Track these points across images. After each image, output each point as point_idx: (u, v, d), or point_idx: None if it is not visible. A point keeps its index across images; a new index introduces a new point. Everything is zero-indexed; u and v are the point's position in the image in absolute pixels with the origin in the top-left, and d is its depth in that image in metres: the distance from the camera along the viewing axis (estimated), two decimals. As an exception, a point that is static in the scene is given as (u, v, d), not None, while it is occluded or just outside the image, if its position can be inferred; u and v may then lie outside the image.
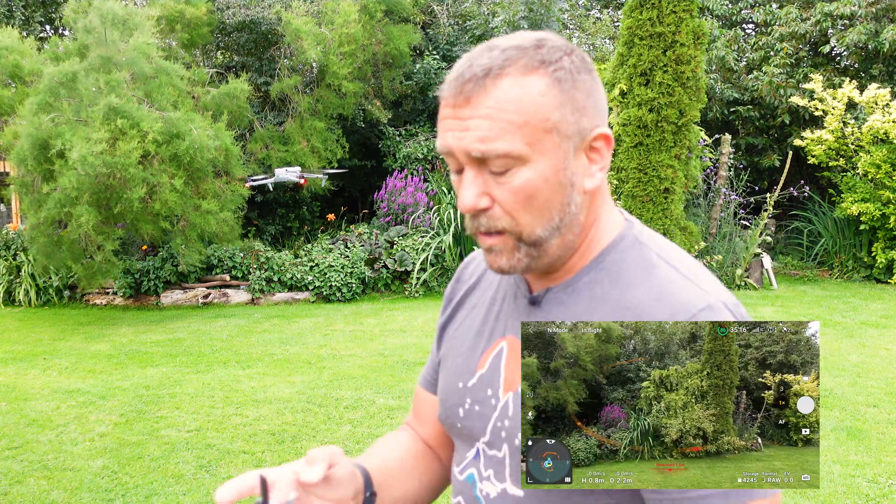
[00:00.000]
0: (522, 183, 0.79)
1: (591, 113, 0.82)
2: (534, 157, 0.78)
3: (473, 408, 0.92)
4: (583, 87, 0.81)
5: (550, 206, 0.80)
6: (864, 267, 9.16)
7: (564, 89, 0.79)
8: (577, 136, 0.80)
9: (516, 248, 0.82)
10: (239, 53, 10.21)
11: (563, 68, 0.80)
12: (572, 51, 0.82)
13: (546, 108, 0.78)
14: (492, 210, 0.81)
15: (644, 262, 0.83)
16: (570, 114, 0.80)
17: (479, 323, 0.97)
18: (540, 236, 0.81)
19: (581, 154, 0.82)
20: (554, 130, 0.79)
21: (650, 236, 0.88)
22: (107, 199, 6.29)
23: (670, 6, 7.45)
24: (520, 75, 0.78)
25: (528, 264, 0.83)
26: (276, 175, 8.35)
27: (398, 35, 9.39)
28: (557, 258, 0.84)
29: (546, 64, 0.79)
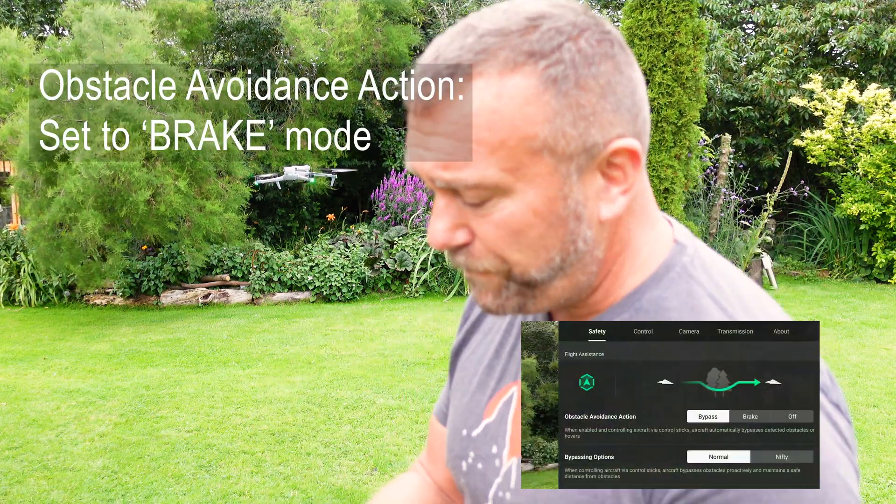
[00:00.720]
0: (505, 217, 0.61)
1: (606, 119, 0.60)
2: (517, 186, 0.60)
3: (476, 465, 0.76)
4: (594, 84, 0.59)
5: (547, 244, 0.62)
6: (864, 267, 9.16)
7: (562, 92, 0.58)
8: (583, 153, 0.60)
9: (504, 287, 0.65)
10: (238, 53, 10.21)
11: (561, 62, 0.58)
12: (583, 31, 0.60)
13: (532, 120, 0.58)
14: (472, 246, 0.63)
15: (692, 304, 0.64)
16: (571, 126, 0.59)
17: (492, 355, 0.80)
18: (534, 278, 0.63)
19: (593, 174, 0.61)
20: (544, 150, 0.59)
21: (705, 266, 0.67)
22: (111, 202, 6.30)
23: (670, 6, 7.45)
24: (497, 76, 0.58)
25: (520, 304, 0.65)
26: (285, 173, 8.36)
27: (398, 35, 9.39)
28: (565, 300, 0.66)
29: (536, 56, 0.58)
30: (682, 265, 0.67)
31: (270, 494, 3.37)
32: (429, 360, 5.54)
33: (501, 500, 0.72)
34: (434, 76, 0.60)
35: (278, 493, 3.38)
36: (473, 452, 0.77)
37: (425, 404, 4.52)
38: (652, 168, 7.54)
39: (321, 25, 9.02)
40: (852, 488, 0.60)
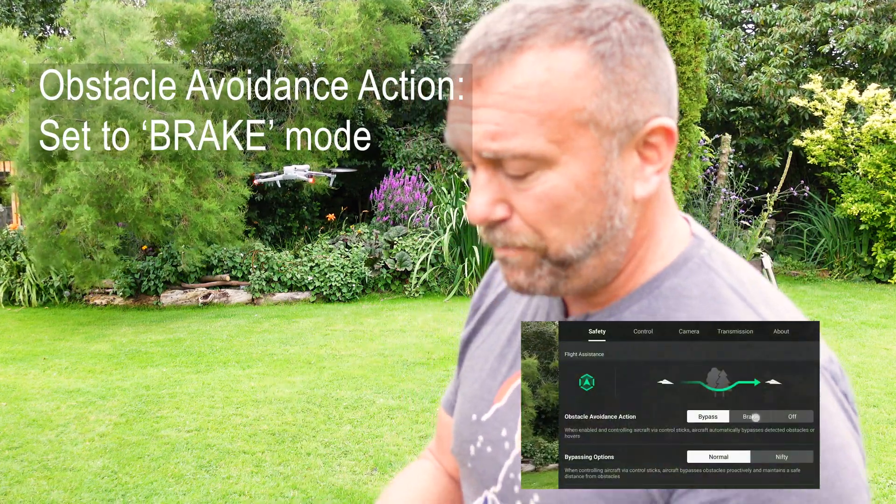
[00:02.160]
0: (547, 190, 0.62)
1: (647, 98, 0.62)
2: (562, 159, 0.61)
3: (485, 448, 0.77)
4: (637, 63, 0.62)
5: (585, 219, 0.63)
6: (864, 267, 9.16)
7: (609, 68, 0.60)
8: (624, 129, 0.62)
9: (538, 265, 0.65)
10: (238, 53, 10.21)
11: (608, 39, 0.61)
12: (627, 13, 0.63)
13: (581, 93, 0.60)
14: (510, 221, 0.64)
15: (713, 294, 0.65)
16: (616, 101, 0.61)
17: (504, 343, 0.80)
18: (570, 255, 0.64)
19: (631, 152, 0.63)
20: (591, 123, 0.60)
21: (722, 259, 0.69)
22: (108, 198, 6.30)
23: (671, 6, 7.46)
24: (548, 49, 0.60)
25: (552, 284, 0.66)
26: (285, 172, 8.36)
27: (398, 35, 9.39)
28: (594, 281, 0.67)
29: (585, 33, 0.60)
30: (700, 257, 0.68)
31: (270, 494, 3.37)
32: (429, 360, 5.54)
33: (513, 481, 0.72)
34: (485, 48, 0.61)
35: (278, 493, 3.38)
36: (483, 437, 0.77)
37: (425, 404, 4.52)
38: (652, 168, 7.54)
39: (321, 25, 9.02)
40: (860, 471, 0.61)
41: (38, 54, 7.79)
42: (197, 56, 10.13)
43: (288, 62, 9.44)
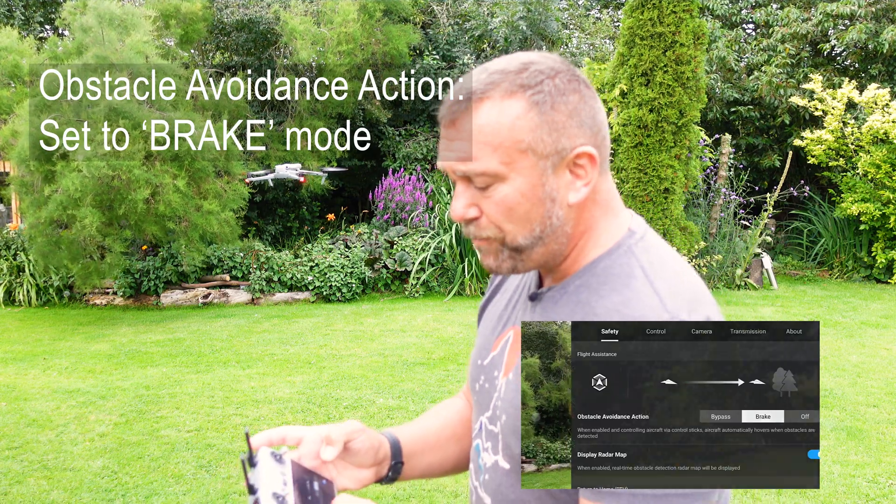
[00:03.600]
0: (502, 197, 0.85)
1: (572, 132, 0.85)
2: (511, 175, 0.84)
3: (484, 385, 1.01)
4: (564, 108, 0.85)
5: (531, 217, 0.86)
6: (864, 267, 9.16)
7: (542, 112, 0.84)
8: (555, 154, 0.85)
9: (500, 251, 0.89)
10: (238, 53, 10.21)
11: (541, 92, 0.84)
12: (558, 72, 0.86)
13: (521, 130, 0.83)
14: (480, 220, 0.88)
15: (626, 272, 0.86)
16: (547, 135, 0.84)
17: (501, 308, 1.05)
18: (521, 244, 0.87)
19: (563, 171, 0.86)
20: (529, 151, 0.84)
21: (646, 247, 0.90)
22: (110, 200, 6.29)
23: (671, 6, 7.45)
24: (499, 99, 0.84)
25: (513, 265, 0.90)
26: (276, 172, 8.35)
27: (397, 35, 9.38)
28: (544, 263, 0.90)
29: (525, 88, 0.84)
30: (628, 245, 0.90)
31: (270, 494, 3.36)
32: (429, 360, 5.54)
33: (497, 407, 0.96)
34: (456, 99, 0.86)
35: (278, 493, 3.37)
36: (483, 376, 1.02)
37: (425, 404, 4.52)
38: (652, 168, 7.54)
39: (320, 25, 9.01)
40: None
41: (37, 54, 7.79)
42: (197, 56, 10.13)
43: (287, 62, 9.44)
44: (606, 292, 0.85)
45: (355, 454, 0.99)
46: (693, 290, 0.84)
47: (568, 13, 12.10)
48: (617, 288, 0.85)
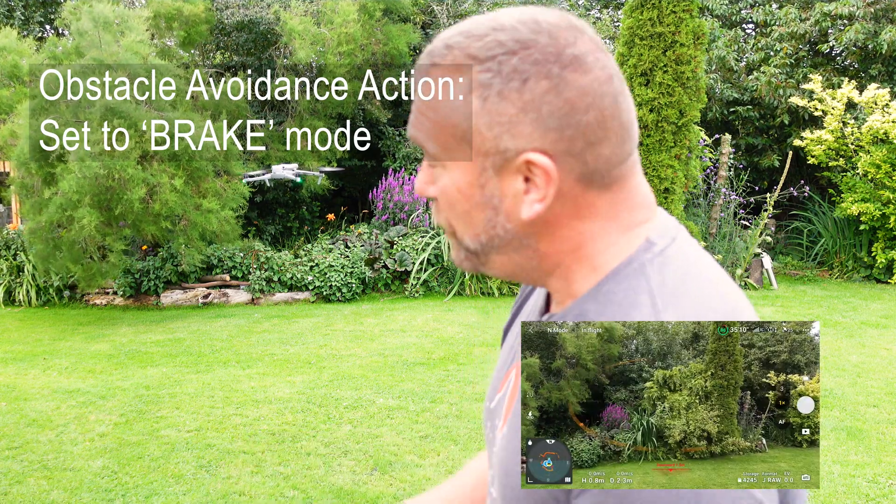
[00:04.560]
0: (442, 187, 0.72)
1: (521, 131, 0.66)
2: (448, 164, 0.70)
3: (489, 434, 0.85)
4: (516, 97, 0.65)
5: (472, 221, 0.71)
6: (864, 267, 9.16)
7: (483, 97, 0.66)
8: (496, 155, 0.67)
9: (458, 248, 0.75)
10: (238, 53, 10.21)
11: (490, 70, 0.66)
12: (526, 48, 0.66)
13: (459, 113, 0.68)
14: (438, 202, 0.74)
15: (629, 300, 0.68)
16: (487, 128, 0.67)
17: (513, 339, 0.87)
18: (470, 246, 0.73)
19: (512, 176, 0.68)
20: (464, 141, 0.68)
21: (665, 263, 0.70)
22: (107, 200, 6.29)
23: (670, 6, 7.45)
24: (447, 71, 0.68)
25: (473, 266, 0.75)
26: (273, 172, 8.36)
27: (397, 35, 9.39)
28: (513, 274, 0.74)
29: (474, 61, 0.67)
30: (641, 262, 0.70)
31: (270, 494, 3.37)
32: (429, 360, 5.54)
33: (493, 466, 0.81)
34: (419, 64, 0.72)
35: (278, 493, 3.38)
36: (489, 422, 0.85)
37: (425, 404, 4.52)
38: (652, 168, 7.54)
39: (320, 25, 9.02)
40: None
41: (37, 55, 7.79)
42: (197, 56, 10.13)
43: (287, 62, 9.44)
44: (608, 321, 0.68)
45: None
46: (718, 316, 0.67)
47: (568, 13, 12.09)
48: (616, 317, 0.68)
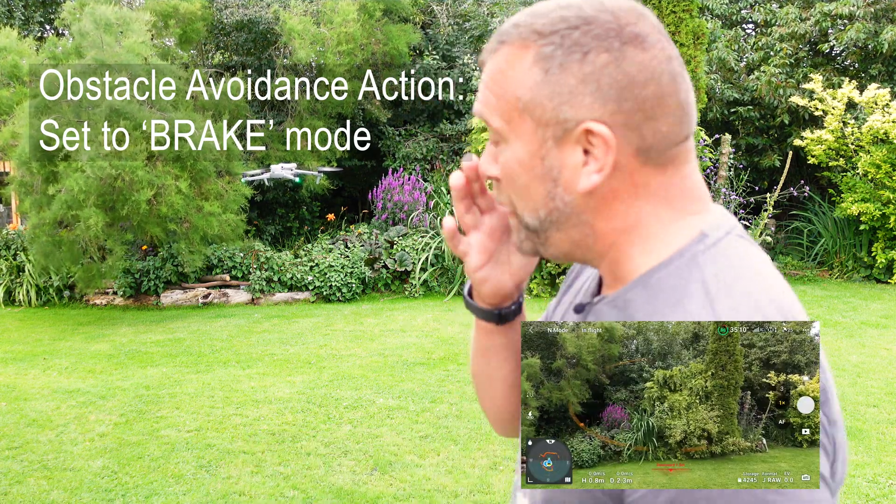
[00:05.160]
0: (505, 161, 0.74)
1: (583, 101, 0.69)
2: (510, 137, 0.73)
3: None
4: (577, 69, 0.68)
5: (532, 195, 0.73)
6: (864, 267, 9.16)
7: (545, 69, 0.69)
8: (556, 125, 0.70)
9: (519, 229, 0.77)
10: (238, 53, 10.21)
11: (553, 44, 0.69)
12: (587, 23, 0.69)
13: (522, 86, 0.71)
14: (499, 182, 0.76)
15: (682, 288, 0.69)
16: (548, 99, 0.69)
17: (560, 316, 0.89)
18: (529, 223, 0.75)
19: (572, 147, 0.70)
20: (527, 113, 0.71)
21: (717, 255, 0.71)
22: (112, 201, 6.29)
23: (670, 6, 7.45)
24: (513, 47, 0.71)
25: (533, 248, 0.77)
26: (271, 171, 8.36)
27: (397, 35, 9.39)
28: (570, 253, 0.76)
29: (536, 35, 0.70)
30: (693, 253, 0.71)
31: (270, 494, 3.37)
32: (429, 360, 5.54)
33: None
34: (489, 42, 0.75)
35: (278, 493, 3.38)
36: None
37: (425, 404, 4.52)
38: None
39: (320, 25, 9.01)
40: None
41: (37, 55, 7.79)
42: (196, 56, 10.13)
43: (287, 62, 9.44)
44: (653, 311, 0.69)
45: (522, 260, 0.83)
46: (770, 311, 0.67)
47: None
48: (666, 307, 0.68)
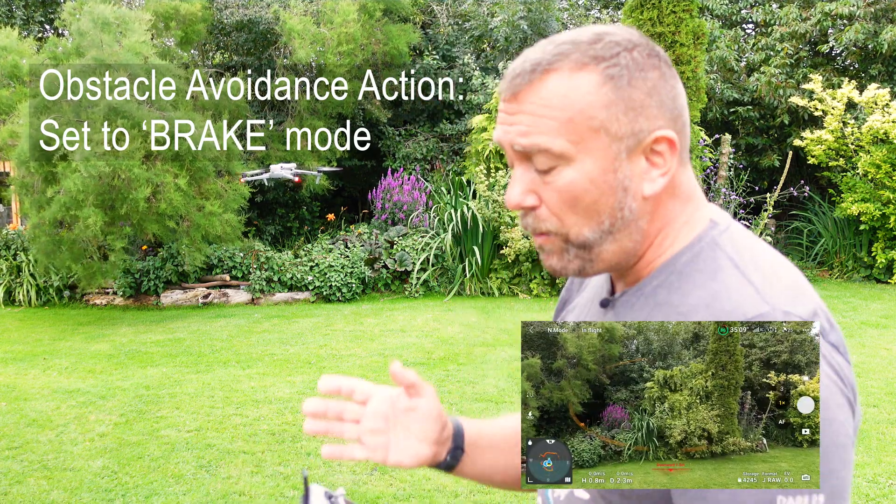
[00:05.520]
0: (567, 183, 0.76)
1: (651, 113, 0.76)
2: (578, 157, 0.75)
3: None
4: (642, 85, 0.76)
5: (599, 209, 0.76)
6: (864, 267, 9.16)
7: (617, 87, 0.75)
8: (630, 137, 0.76)
9: (565, 250, 0.79)
10: (238, 53, 10.21)
11: (618, 65, 0.75)
12: (636, 46, 0.77)
13: (594, 106, 0.74)
14: (539, 210, 0.78)
15: (713, 265, 0.76)
16: (623, 114, 0.75)
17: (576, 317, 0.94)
18: (588, 238, 0.78)
19: (639, 157, 0.76)
20: (602, 130, 0.75)
21: (733, 237, 0.79)
22: (111, 199, 6.30)
23: (670, 6, 7.45)
24: (568, 71, 0.75)
25: (581, 267, 0.79)
26: (271, 171, 8.36)
27: (397, 35, 9.39)
28: (616, 264, 0.80)
29: (599, 60, 0.75)
30: (712, 237, 0.79)
31: (270, 494, 3.37)
32: (429, 360, 5.54)
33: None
34: (521, 71, 0.76)
35: (278, 493, 3.38)
36: None
37: (425, 404, 4.51)
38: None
39: (320, 25, 9.01)
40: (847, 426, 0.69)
41: (37, 55, 7.79)
42: (196, 56, 10.13)
43: (287, 62, 9.44)
44: (690, 289, 0.76)
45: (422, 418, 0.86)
46: (794, 280, 0.75)
47: (568, 13, 12.11)
48: (703, 283, 0.75)
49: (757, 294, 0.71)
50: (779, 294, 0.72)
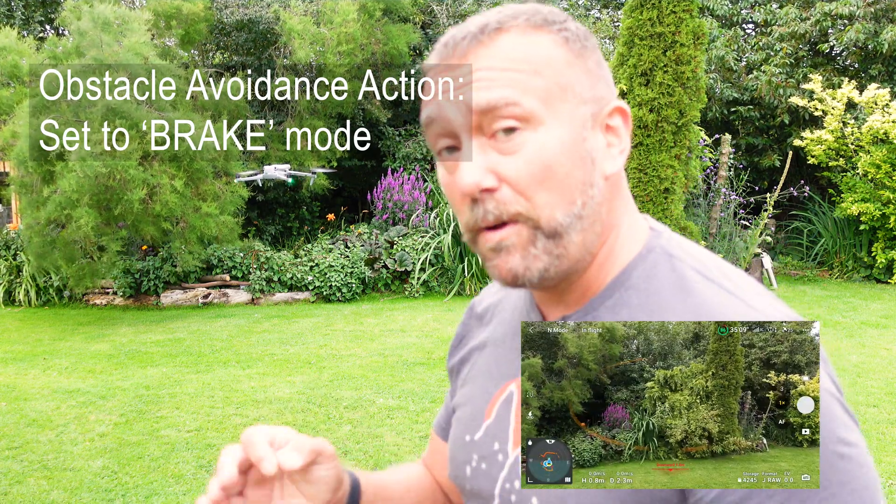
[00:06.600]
0: (537, 150, 0.64)
1: (605, 81, 0.70)
2: (548, 119, 0.64)
3: (480, 466, 0.78)
4: (592, 55, 0.69)
5: (571, 183, 0.65)
6: (864, 267, 9.16)
7: (573, 50, 0.67)
8: (593, 102, 0.68)
9: (532, 242, 0.66)
10: (238, 53, 10.21)
11: (568, 30, 0.68)
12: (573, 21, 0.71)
13: (557, 63, 0.66)
14: (499, 192, 0.65)
15: (678, 278, 0.68)
16: (584, 75, 0.67)
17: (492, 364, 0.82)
18: (560, 223, 0.65)
19: (598, 129, 0.68)
20: (569, 89, 0.66)
21: (681, 247, 0.72)
22: (107, 200, 6.29)
23: (670, 6, 7.45)
24: (522, 30, 0.66)
25: (546, 266, 0.66)
26: (264, 172, 8.36)
27: (397, 35, 9.39)
28: (576, 262, 0.68)
29: (550, 23, 0.68)
30: (661, 246, 0.71)
31: (271, 494, 3.37)
32: (429, 360, 5.54)
33: (509, 491, 0.74)
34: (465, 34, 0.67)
35: (278, 493, 3.38)
36: (476, 455, 0.79)
37: (425, 404, 4.52)
38: (652, 168, 7.54)
39: (320, 25, 9.02)
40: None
41: (37, 54, 7.79)
42: (196, 56, 10.13)
43: (287, 62, 9.44)
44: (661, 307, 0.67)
45: (315, 483, 0.75)
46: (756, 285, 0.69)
47: (568, 13, 12.11)
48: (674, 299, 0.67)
49: (742, 303, 0.65)
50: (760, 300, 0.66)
